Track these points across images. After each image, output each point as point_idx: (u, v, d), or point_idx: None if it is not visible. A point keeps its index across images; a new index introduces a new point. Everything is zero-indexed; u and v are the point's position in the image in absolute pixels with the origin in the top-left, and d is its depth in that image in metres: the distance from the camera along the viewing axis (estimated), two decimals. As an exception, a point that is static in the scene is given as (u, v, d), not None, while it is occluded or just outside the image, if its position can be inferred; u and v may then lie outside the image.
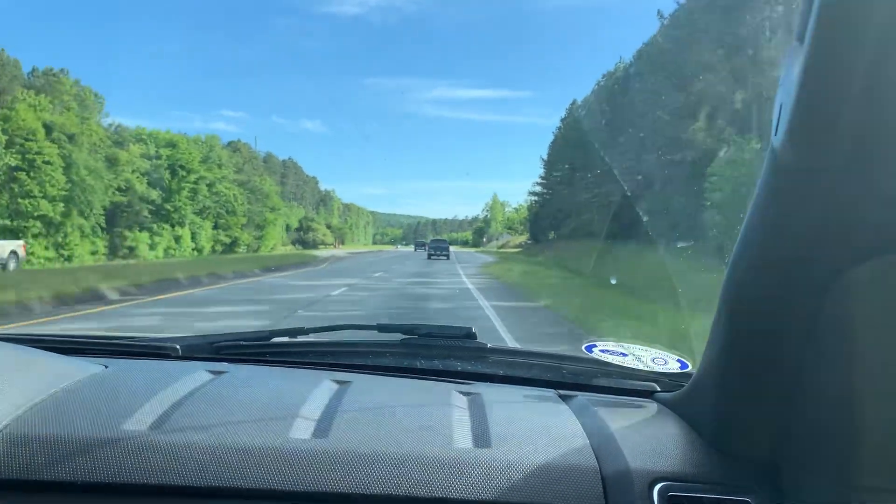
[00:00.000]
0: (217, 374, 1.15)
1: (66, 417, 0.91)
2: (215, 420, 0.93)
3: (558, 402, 1.14)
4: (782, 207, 0.67)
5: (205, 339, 1.44)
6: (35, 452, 0.84)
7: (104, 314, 10.98)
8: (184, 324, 9.90)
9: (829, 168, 0.60)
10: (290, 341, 1.48)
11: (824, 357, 0.72)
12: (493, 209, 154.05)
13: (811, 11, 0.55)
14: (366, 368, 1.35)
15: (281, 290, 16.56)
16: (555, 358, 1.43)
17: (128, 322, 10.05)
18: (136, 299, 13.25)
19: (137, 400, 0.98)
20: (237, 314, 11.27)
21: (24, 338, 1.43)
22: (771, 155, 0.64)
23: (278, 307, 12.26)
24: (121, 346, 1.44)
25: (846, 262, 0.66)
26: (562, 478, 0.85)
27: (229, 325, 9.34)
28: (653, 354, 1.26)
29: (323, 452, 0.87)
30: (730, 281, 0.78)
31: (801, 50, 0.57)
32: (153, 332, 7.89)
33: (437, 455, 0.87)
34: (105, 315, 10.88)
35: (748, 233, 0.73)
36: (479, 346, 1.41)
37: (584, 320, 10.29)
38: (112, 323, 9.95)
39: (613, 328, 9.20)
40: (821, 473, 0.74)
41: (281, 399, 1.04)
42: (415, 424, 0.96)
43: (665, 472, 0.86)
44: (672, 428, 1.01)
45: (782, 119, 0.60)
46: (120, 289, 14.50)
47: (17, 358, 1.10)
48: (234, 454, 0.86)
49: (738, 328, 0.81)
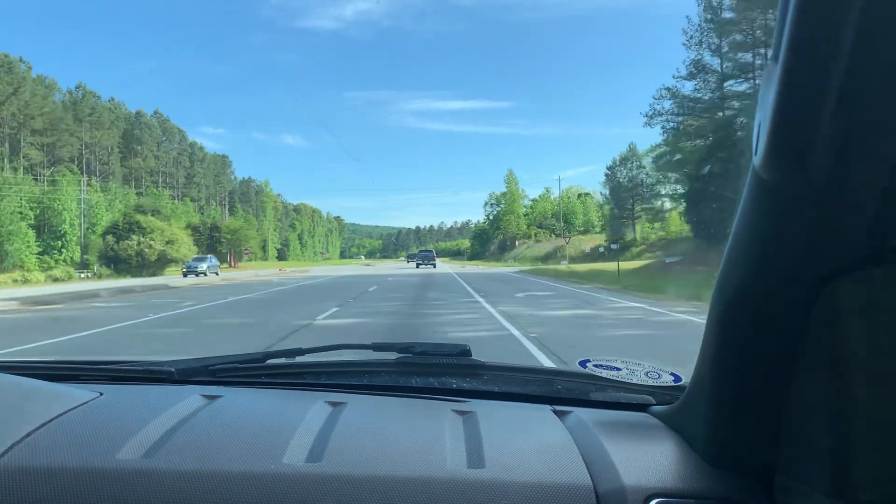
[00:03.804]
0: (212, 398, 1.15)
1: (61, 448, 0.90)
2: (210, 446, 0.93)
3: (553, 418, 1.14)
4: (766, 223, 0.68)
5: (200, 363, 1.42)
6: (30, 485, 0.84)
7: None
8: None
9: (809, 185, 0.60)
10: (286, 362, 1.48)
11: (814, 368, 0.72)
12: (508, 197, 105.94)
13: (784, 30, 0.56)
14: (361, 388, 1.35)
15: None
16: (549, 374, 1.47)
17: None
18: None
19: (132, 427, 0.97)
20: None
21: (16, 365, 1.42)
22: (752, 174, 0.65)
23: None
24: (116, 371, 1.42)
25: (833, 275, 0.67)
26: (555, 497, 0.85)
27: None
28: (646, 368, 1.25)
29: (318, 476, 0.87)
30: (719, 295, 0.79)
31: (775, 69, 0.58)
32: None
33: (431, 476, 0.87)
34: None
35: (735, 247, 0.74)
36: (475, 363, 1.42)
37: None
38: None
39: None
40: (815, 486, 0.73)
41: (275, 422, 1.04)
42: (410, 445, 0.96)
43: (659, 488, 0.86)
44: (666, 442, 1.02)
45: (761, 138, 0.61)
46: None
47: (9, 388, 1.09)
48: (229, 480, 0.86)
49: (728, 341, 0.82)
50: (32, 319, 14.86)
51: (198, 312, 15.13)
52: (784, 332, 0.74)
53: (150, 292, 25.54)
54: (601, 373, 1.25)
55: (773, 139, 0.60)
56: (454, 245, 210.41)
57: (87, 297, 22.42)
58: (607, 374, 1.24)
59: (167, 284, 31.26)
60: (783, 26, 0.57)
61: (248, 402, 1.18)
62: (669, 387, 1.21)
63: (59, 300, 20.90)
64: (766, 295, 0.73)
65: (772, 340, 0.76)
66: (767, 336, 0.76)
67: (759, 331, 0.76)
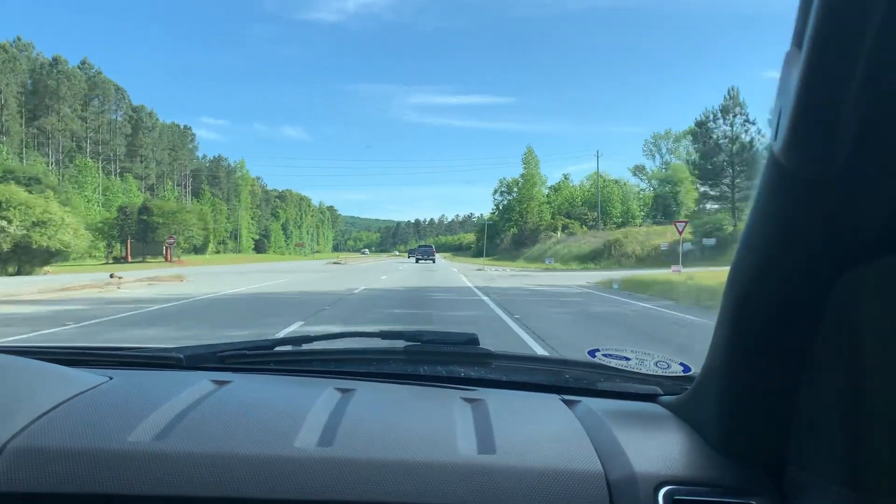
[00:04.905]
0: (221, 383, 1.15)
1: (72, 430, 0.91)
2: (220, 430, 0.93)
3: (562, 407, 1.14)
4: (784, 211, 0.67)
5: (209, 349, 1.43)
6: (42, 465, 0.85)
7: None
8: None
9: (828, 172, 0.60)
10: (295, 350, 1.48)
11: (828, 358, 0.72)
12: (527, 180, 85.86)
13: (808, 17, 0.55)
14: (370, 376, 1.34)
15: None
16: (558, 363, 1.46)
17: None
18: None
19: (142, 411, 0.98)
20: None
21: (28, 350, 1.43)
22: (771, 159, 0.64)
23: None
24: (125, 356, 1.43)
25: (849, 264, 0.66)
26: (567, 483, 0.85)
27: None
28: (655, 358, 1.25)
29: (328, 461, 0.87)
30: (733, 284, 0.79)
31: (798, 55, 0.57)
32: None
33: (442, 462, 0.88)
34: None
35: (750, 235, 0.73)
36: (483, 351, 1.41)
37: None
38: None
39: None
40: (826, 475, 0.73)
41: (285, 408, 1.04)
42: (420, 431, 0.96)
43: (670, 475, 0.87)
44: (676, 431, 1.02)
45: (781, 124, 0.60)
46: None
47: (22, 371, 1.10)
48: (239, 464, 0.86)
49: (740, 331, 0.81)
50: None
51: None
52: (798, 321, 0.73)
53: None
54: (610, 362, 1.24)
55: (795, 125, 0.58)
56: (455, 239, 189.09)
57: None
58: (616, 364, 1.24)
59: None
60: (807, 11, 0.55)
61: (257, 388, 1.19)
62: (678, 377, 1.21)
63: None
64: (780, 284, 0.72)
65: (785, 330, 0.75)
66: (781, 325, 0.75)
67: (773, 320, 0.75)
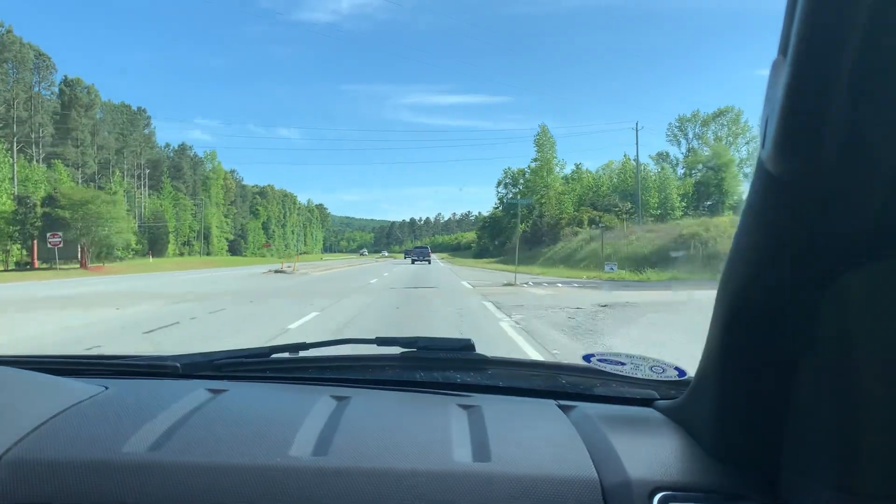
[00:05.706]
0: (217, 392, 1.15)
1: (68, 441, 0.91)
2: (215, 439, 0.93)
3: (557, 413, 1.14)
4: (773, 216, 0.68)
5: (205, 357, 1.43)
6: (38, 477, 0.84)
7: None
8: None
9: (815, 178, 0.60)
10: (291, 357, 1.48)
11: (822, 362, 0.72)
12: (541, 165, 72.33)
13: (793, 25, 0.56)
14: (365, 383, 1.35)
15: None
16: (553, 368, 1.46)
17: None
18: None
19: (138, 421, 0.98)
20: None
21: (23, 360, 1.42)
22: (759, 166, 0.65)
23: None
24: (121, 365, 1.42)
25: (840, 268, 0.66)
26: (562, 490, 0.85)
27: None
28: (651, 363, 1.25)
29: (323, 469, 0.87)
30: (725, 288, 0.79)
31: (784, 63, 0.57)
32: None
33: (437, 471, 0.87)
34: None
35: (741, 240, 0.73)
36: (479, 357, 1.41)
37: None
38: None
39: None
40: (820, 480, 0.73)
41: (281, 416, 1.05)
42: (415, 439, 0.97)
43: (664, 481, 0.86)
44: (671, 436, 1.02)
45: (769, 132, 0.61)
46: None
47: (17, 381, 1.10)
48: (234, 473, 0.86)
49: (733, 336, 0.81)
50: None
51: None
52: (789, 326, 0.73)
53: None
54: (605, 367, 1.24)
55: (781, 132, 0.59)
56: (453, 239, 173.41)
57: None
58: (611, 369, 1.24)
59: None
60: (791, 20, 0.56)
61: (253, 396, 1.19)
62: (674, 381, 1.21)
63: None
64: (771, 289, 0.72)
65: (777, 335, 0.75)
66: (773, 330, 0.75)
67: (765, 325, 0.75)
